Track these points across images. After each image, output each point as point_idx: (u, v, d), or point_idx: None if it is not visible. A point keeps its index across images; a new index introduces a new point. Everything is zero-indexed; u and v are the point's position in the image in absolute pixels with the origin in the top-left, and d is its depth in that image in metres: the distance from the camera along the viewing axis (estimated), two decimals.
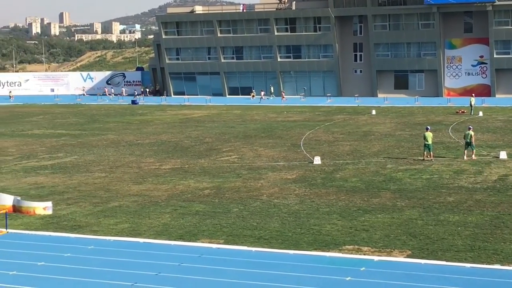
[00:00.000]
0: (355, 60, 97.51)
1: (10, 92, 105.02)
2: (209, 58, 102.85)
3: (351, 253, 22.47)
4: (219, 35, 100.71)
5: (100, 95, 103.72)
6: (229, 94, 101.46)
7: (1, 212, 27.08)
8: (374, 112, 70.57)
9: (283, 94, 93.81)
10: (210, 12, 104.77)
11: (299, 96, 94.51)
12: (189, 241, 24.18)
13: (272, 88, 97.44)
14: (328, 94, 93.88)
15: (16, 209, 28.52)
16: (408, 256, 22.06)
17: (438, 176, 35.40)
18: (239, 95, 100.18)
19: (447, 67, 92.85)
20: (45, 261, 21.94)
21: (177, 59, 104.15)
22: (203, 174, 37.38)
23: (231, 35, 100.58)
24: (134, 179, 36.23)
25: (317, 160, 40.47)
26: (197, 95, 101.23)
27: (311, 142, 49.97)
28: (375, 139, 50.86)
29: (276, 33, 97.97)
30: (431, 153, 40.73)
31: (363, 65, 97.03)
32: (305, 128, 58.67)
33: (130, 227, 26.22)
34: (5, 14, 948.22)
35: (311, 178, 35.65)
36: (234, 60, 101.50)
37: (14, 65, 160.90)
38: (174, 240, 24.33)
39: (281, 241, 23.95)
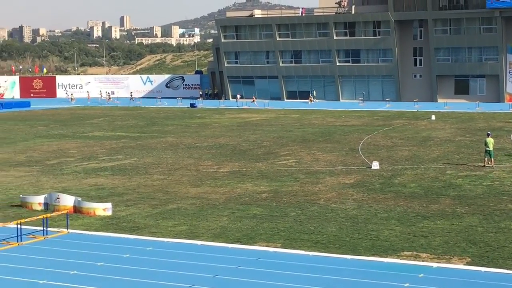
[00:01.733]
0: (415, 65, 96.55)
1: (72, 94, 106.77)
2: (267, 62, 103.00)
3: (410, 259, 22.24)
4: (277, 39, 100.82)
5: (108, 99, 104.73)
6: (287, 98, 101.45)
7: (63, 212, 27.57)
8: (433, 117, 69.76)
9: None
10: (269, 16, 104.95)
11: (358, 101, 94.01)
12: (247, 244, 24.24)
13: (314, 93, 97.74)
14: (387, 99, 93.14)
15: (77, 209, 29.06)
16: (467, 264, 21.75)
17: (499, 183, 34.83)
18: (297, 99, 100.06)
19: (509, 72, 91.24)
20: (104, 261, 22.23)
21: (236, 62, 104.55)
22: (261, 178, 37.43)
23: (290, 39, 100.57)
24: (192, 182, 36.47)
25: (375, 165, 40.19)
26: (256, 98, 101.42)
27: (369, 147, 49.65)
28: (434, 144, 50.29)
29: (335, 37, 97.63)
30: (492, 159, 40.10)
31: (423, 69, 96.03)
32: (363, 132, 58.33)
33: (188, 229, 26.39)
34: (67, 18, 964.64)
35: (369, 183, 35.42)
36: (293, 64, 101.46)
37: (76, 68, 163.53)
38: (232, 243, 24.41)
39: (338, 246, 23.84)
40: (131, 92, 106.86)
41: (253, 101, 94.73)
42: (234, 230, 26.23)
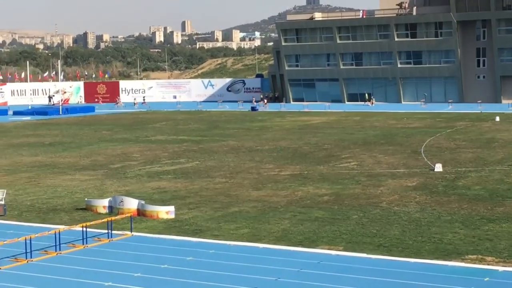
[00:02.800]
0: (478, 66, 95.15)
1: (135, 99, 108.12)
2: (328, 65, 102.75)
3: (474, 263, 21.93)
4: (338, 41, 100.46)
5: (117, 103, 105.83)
6: (348, 101, 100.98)
7: (127, 215, 27.94)
8: (498, 118, 68.63)
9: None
10: (329, 18, 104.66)
11: (420, 103, 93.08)
12: (308, 247, 24.21)
13: (366, 95, 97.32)
14: (450, 100, 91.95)
15: (141, 212, 29.42)
16: None
17: None
18: (358, 101, 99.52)
19: None
20: (168, 264, 22.46)
21: (297, 65, 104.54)
22: (322, 181, 37.35)
23: (351, 41, 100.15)
24: (254, 185, 36.59)
25: (438, 168, 39.72)
26: (316, 101, 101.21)
27: (432, 149, 49.11)
28: (499, 146, 49.47)
29: (396, 39, 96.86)
30: None
31: (486, 70, 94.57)
32: (425, 134, 57.71)
33: (250, 232, 26.49)
34: (130, 23, 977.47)
35: (432, 186, 35.04)
36: (353, 66, 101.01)
37: (139, 73, 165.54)
38: (294, 246, 24.41)
39: (401, 249, 23.65)
40: (143, 97, 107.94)
41: (265, 103, 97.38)
42: (296, 233, 26.23)
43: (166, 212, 29.29)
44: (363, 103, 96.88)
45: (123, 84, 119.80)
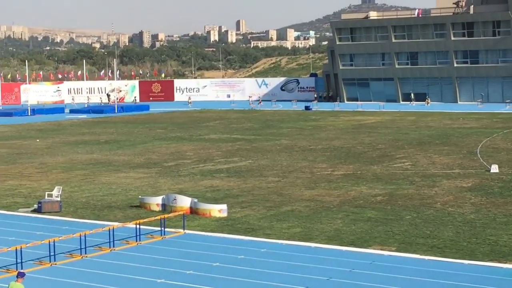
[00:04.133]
0: None
1: (189, 98, 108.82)
2: (383, 64, 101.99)
3: None
4: (393, 40, 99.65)
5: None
6: (402, 100, 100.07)
7: (179, 213, 28.13)
8: None
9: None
10: (384, 17, 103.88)
11: (476, 103, 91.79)
12: (361, 247, 24.06)
13: (412, 95, 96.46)
14: (507, 101, 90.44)
15: (193, 210, 29.59)
16: None
17: None
18: (413, 101, 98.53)
19: None
20: (220, 262, 22.54)
21: (351, 65, 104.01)
22: (376, 181, 37.09)
23: (406, 40, 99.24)
24: (307, 184, 36.51)
25: (494, 169, 39.11)
26: (371, 101, 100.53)
27: (488, 149, 48.39)
28: None
29: (452, 38, 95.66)
30: None
31: None
32: (482, 135, 56.89)
33: (302, 232, 26.44)
34: (185, 23, 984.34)
35: (488, 187, 34.52)
36: (409, 66, 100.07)
37: (193, 72, 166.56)
38: (346, 246, 24.29)
39: (455, 251, 23.34)
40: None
41: (260, 102, 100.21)
42: (348, 233, 26.09)
43: (218, 210, 29.41)
44: (408, 103, 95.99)
45: (178, 83, 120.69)
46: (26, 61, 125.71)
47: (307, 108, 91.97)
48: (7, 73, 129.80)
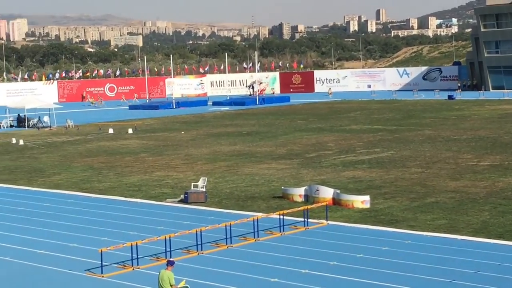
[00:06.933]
0: None
1: (329, 89, 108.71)
2: None
3: None
4: None
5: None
6: None
7: (322, 204, 28.19)
8: None
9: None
10: None
11: None
12: (510, 240, 23.30)
13: None
14: None
15: (336, 201, 29.58)
16: None
17: None
18: None
19: None
20: (363, 253, 22.43)
21: (497, 52, 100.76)
22: None
23: None
24: (451, 175, 35.71)
25: None
26: None
27: None
28: None
29: None
30: None
31: None
32: None
33: (447, 224, 25.90)
34: (324, 13, 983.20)
35: None
36: None
37: (333, 63, 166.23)
38: (494, 238, 23.58)
39: None
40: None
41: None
42: (496, 225, 25.33)
43: (361, 201, 29.25)
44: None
45: (318, 74, 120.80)
46: (171, 55, 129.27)
47: (450, 97, 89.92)
48: (153, 67, 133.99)
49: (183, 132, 61.34)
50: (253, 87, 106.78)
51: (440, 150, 44.99)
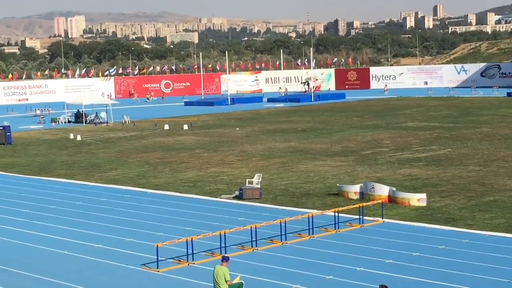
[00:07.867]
0: None
1: (385, 85, 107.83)
2: None
3: None
4: None
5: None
6: None
7: (378, 202, 27.96)
8: None
9: None
10: None
11: None
12: None
13: None
14: None
15: (392, 199, 29.31)
16: None
17: None
18: None
19: None
20: (419, 252, 22.16)
21: None
22: None
23: None
24: (510, 174, 35.07)
25: None
26: None
27: None
28: None
29: None
30: None
31: None
32: None
33: (506, 223, 25.44)
34: (381, 9, 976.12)
35: None
36: None
37: (389, 59, 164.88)
38: None
39: None
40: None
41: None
42: None
43: (417, 199, 28.93)
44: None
45: (373, 70, 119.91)
46: (226, 52, 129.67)
47: (509, 94, 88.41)
48: (208, 64, 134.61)
49: (238, 129, 61.47)
50: (307, 84, 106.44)
51: (498, 148, 44.25)
